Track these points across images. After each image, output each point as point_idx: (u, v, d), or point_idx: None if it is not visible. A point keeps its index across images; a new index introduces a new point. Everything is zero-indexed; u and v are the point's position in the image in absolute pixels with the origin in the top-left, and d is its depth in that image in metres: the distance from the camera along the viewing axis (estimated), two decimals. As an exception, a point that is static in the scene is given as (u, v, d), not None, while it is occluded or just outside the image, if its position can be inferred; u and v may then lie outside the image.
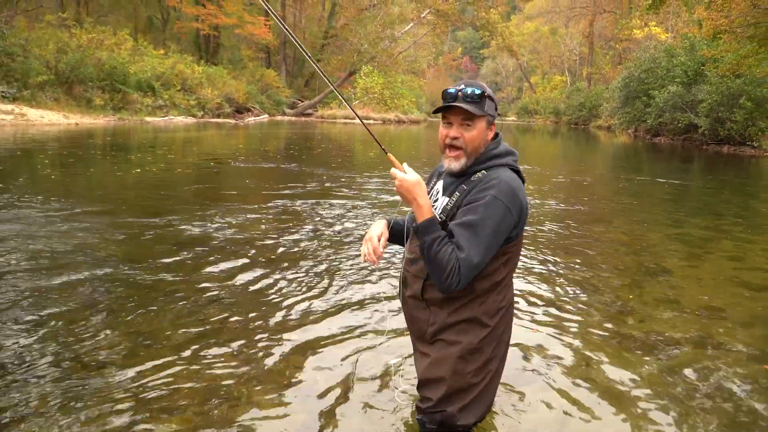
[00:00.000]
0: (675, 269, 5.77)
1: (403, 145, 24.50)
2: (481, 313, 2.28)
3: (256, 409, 2.88)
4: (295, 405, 2.93)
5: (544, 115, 63.54)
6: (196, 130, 24.51)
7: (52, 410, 2.77)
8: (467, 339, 2.28)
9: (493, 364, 2.35)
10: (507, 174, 2.23)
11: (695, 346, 3.87)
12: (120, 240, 5.89)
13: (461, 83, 2.28)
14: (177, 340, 3.61)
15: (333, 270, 5.22)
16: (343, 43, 47.43)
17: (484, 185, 2.20)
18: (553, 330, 4.07)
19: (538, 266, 5.66)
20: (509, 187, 2.17)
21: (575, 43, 65.23)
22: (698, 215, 9.16)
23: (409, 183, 2.22)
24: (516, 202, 2.18)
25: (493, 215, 2.14)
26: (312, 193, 9.42)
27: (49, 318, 3.84)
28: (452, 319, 2.29)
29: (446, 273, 2.12)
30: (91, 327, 3.73)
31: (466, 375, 2.29)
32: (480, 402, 2.34)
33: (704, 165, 19.15)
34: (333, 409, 2.91)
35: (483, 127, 2.27)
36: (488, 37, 54.22)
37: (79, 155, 13.45)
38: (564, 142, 32.85)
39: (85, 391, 2.95)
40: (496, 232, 2.15)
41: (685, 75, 27.36)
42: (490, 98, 2.28)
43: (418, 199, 2.21)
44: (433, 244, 2.14)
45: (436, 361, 2.32)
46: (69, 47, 25.71)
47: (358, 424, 2.79)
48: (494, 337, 2.32)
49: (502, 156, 2.29)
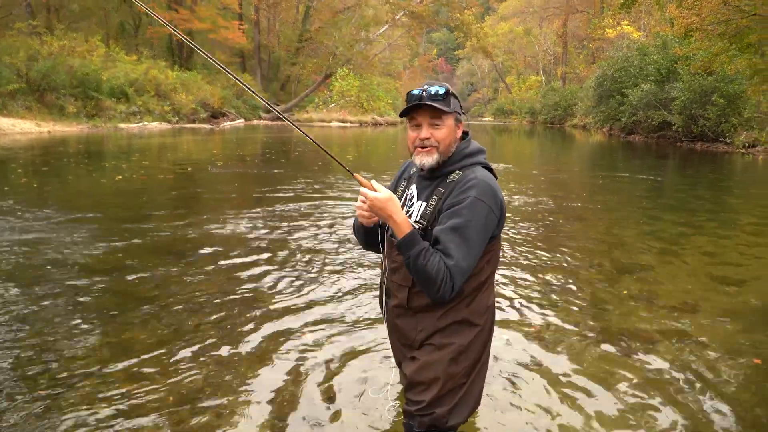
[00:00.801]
0: (650, 265, 5.84)
1: (381, 148, 24.51)
2: (469, 313, 2.28)
3: (237, 416, 2.85)
4: (279, 411, 2.91)
5: (520, 115, 63.94)
6: (171, 136, 24.26)
7: (29, 420, 2.71)
8: (459, 341, 2.27)
9: (480, 364, 2.35)
10: (483, 173, 2.24)
11: (671, 341, 3.92)
12: (98, 247, 5.79)
13: (425, 84, 2.28)
14: (155, 347, 3.56)
15: (318, 274, 5.19)
16: (318, 47, 47.28)
17: (463, 186, 2.19)
18: (529, 328, 4.09)
19: (514, 265, 5.69)
20: (488, 186, 2.18)
21: (549, 43, 65.80)
22: (673, 211, 9.29)
23: (382, 201, 2.17)
24: (496, 200, 2.19)
25: (478, 216, 2.13)
26: (294, 197, 9.36)
27: (25, 326, 3.76)
28: (442, 323, 2.27)
29: (438, 283, 2.09)
30: (68, 335, 3.66)
31: (457, 376, 2.29)
32: (467, 401, 2.34)
33: (678, 162, 19.44)
34: (319, 413, 2.89)
35: (452, 124, 2.27)
36: (463, 39, 54.61)
37: (54, 163, 13.24)
38: (540, 142, 33.12)
39: (62, 400, 2.89)
40: (482, 234, 2.16)
41: (658, 73, 27.75)
42: (455, 96, 2.28)
43: (394, 216, 2.16)
44: (419, 257, 2.10)
45: (426, 365, 2.29)
46: (40, 55, 25.26)
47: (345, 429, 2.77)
48: (482, 336, 2.33)
49: (474, 154, 2.30)
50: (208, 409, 2.92)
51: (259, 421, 2.84)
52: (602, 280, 5.33)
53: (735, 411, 3.04)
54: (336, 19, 46.72)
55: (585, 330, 4.10)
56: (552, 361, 3.58)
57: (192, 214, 7.78)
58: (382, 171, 13.23)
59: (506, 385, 3.25)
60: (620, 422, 2.91)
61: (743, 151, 21.38)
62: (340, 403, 3.01)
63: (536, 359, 3.60)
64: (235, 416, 2.87)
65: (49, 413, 2.83)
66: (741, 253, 6.54)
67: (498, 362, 3.45)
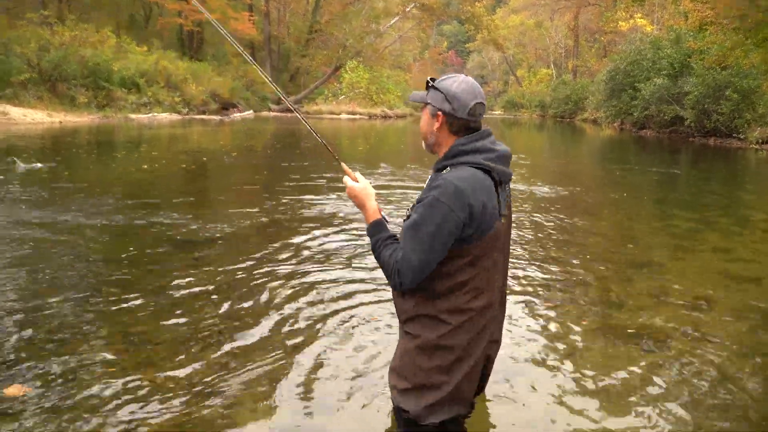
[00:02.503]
0: (663, 261, 5.79)
1: (391, 139, 24.48)
2: (438, 310, 2.26)
3: (242, 407, 2.85)
4: (283, 402, 2.91)
5: (530, 108, 63.59)
6: (181, 127, 24.32)
7: (40, 409, 2.72)
8: (425, 334, 2.28)
9: (463, 364, 2.30)
10: (458, 173, 2.19)
11: (684, 338, 3.88)
12: (111, 235, 5.81)
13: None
14: (165, 338, 3.56)
15: (331, 264, 5.18)
16: (328, 38, 47.16)
17: (432, 185, 2.21)
18: (539, 323, 4.06)
19: (524, 259, 5.65)
20: (453, 188, 2.13)
21: (560, 36, 65.37)
22: (685, 207, 9.21)
23: (357, 189, 2.40)
24: (460, 202, 2.12)
25: (433, 215, 2.12)
26: (305, 188, 9.35)
27: (37, 314, 3.77)
28: (415, 312, 2.31)
29: (388, 273, 2.22)
30: (79, 324, 3.67)
31: (429, 371, 2.28)
32: (450, 401, 2.31)
33: (691, 157, 19.28)
34: (332, 400, 2.89)
35: (427, 115, 2.32)
36: (474, 31, 54.26)
37: (66, 153, 13.29)
38: (550, 135, 32.97)
39: (74, 389, 2.90)
40: (437, 233, 2.12)
41: (671, 67, 27.50)
42: (436, 89, 2.28)
43: (366, 203, 2.38)
44: (376, 245, 2.28)
45: (399, 352, 2.39)
46: (51, 45, 25.34)
47: (345, 418, 2.76)
48: (460, 336, 2.27)
49: (466, 153, 2.25)
50: (218, 398, 2.93)
51: (271, 413, 2.84)
52: (613, 276, 5.28)
53: (748, 409, 3.00)
54: (346, 11, 46.56)
55: (595, 325, 4.06)
56: (561, 356, 3.55)
57: (205, 204, 7.79)
58: (392, 163, 13.20)
59: (513, 381, 3.22)
60: (631, 419, 2.88)
61: (757, 147, 21.16)
62: (354, 391, 3.00)
63: (544, 355, 3.57)
64: (244, 406, 2.87)
65: (62, 401, 2.84)
66: (755, 249, 6.47)
67: (505, 358, 3.41)
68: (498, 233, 2.27)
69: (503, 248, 2.36)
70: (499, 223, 2.26)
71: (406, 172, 11.91)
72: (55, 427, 2.65)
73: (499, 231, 2.27)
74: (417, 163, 13.63)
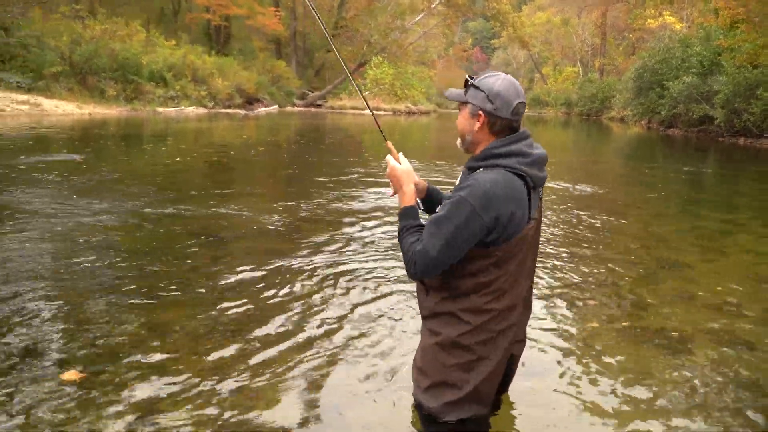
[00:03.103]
0: (691, 263, 5.72)
1: (414, 135, 24.45)
2: (460, 309, 2.26)
3: (262, 398, 2.90)
4: (303, 394, 2.95)
5: (556, 106, 63.00)
6: (207, 121, 24.56)
7: (63, 398, 2.80)
8: (446, 331, 2.30)
9: (483, 365, 2.30)
10: (491, 176, 2.16)
11: (712, 342, 3.84)
12: (138, 227, 5.92)
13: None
14: (189, 328, 3.63)
15: (358, 263, 5.22)
16: (353, 34, 47.18)
17: (464, 184, 2.19)
18: (565, 324, 4.05)
19: (550, 258, 5.63)
20: (483, 191, 2.11)
21: (587, 34, 64.56)
22: (714, 208, 9.09)
23: (400, 171, 2.40)
24: (489, 206, 2.10)
25: (457, 215, 2.11)
26: (332, 183, 9.41)
27: (62, 303, 3.87)
28: (437, 309, 2.33)
29: (406, 261, 2.23)
30: (104, 315, 3.76)
31: (448, 369, 2.30)
32: (469, 401, 2.32)
33: (720, 157, 18.97)
34: (350, 394, 2.92)
35: (466, 114, 2.28)
36: (499, 28, 53.85)
37: (98, 144, 13.52)
38: (576, 133, 32.64)
39: (98, 380, 2.98)
40: (459, 232, 2.11)
41: (700, 65, 27.05)
42: (476, 87, 2.24)
43: (404, 186, 2.39)
44: (402, 231, 2.30)
45: (421, 349, 2.42)
46: (83, 38, 25.79)
47: (365, 412, 2.80)
48: (480, 337, 2.27)
49: (501, 156, 2.21)
50: (239, 388, 2.98)
51: (292, 404, 2.87)
52: (641, 277, 5.24)
53: (779, 415, 2.97)
54: (371, 7, 46.52)
55: (621, 327, 4.04)
56: (586, 358, 3.54)
57: (231, 197, 7.87)
58: (417, 158, 13.21)
59: (539, 381, 3.22)
60: (657, 424, 2.87)
61: (789, 148, 20.75)
62: (376, 386, 3.04)
63: (570, 355, 3.56)
64: (265, 397, 2.91)
65: (84, 392, 2.91)
66: (786, 253, 6.37)
67: (530, 358, 3.40)
68: (525, 237, 2.25)
69: (530, 250, 2.34)
70: (527, 227, 2.24)
71: (432, 167, 11.91)
72: (91, 411, 2.73)
73: (526, 234, 2.25)
74: (442, 159, 13.62)
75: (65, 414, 2.70)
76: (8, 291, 4.11)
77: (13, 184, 7.88)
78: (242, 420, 2.74)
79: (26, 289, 4.17)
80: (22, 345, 3.33)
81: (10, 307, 3.83)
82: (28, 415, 2.68)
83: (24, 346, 3.32)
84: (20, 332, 3.49)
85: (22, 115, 19.71)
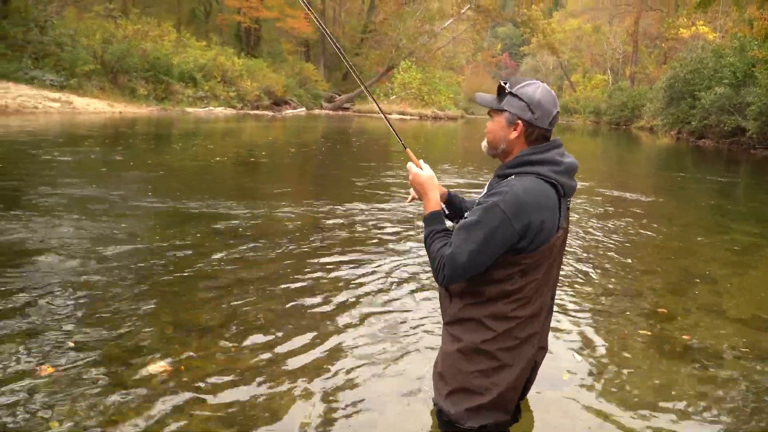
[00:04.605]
0: (720, 276, 5.60)
1: (440, 141, 24.40)
2: (484, 315, 2.24)
3: (281, 397, 2.90)
4: (322, 395, 2.94)
5: (584, 114, 62.38)
6: (236, 122, 24.83)
7: (90, 394, 2.83)
8: (468, 338, 2.27)
9: (506, 373, 2.27)
10: (525, 183, 2.14)
11: (740, 357, 3.75)
12: (167, 225, 5.99)
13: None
14: (210, 324, 3.66)
15: (381, 269, 5.21)
16: (382, 38, 47.30)
17: (496, 190, 2.16)
18: (589, 334, 3.99)
19: (575, 268, 5.56)
20: (517, 199, 2.09)
21: (619, 42, 63.82)
22: (745, 221, 8.90)
23: (423, 177, 2.36)
24: (521, 213, 2.08)
25: (488, 221, 2.09)
26: (360, 186, 9.42)
27: (91, 300, 3.93)
28: (461, 315, 2.30)
29: (434, 267, 2.20)
30: (131, 312, 3.81)
31: (470, 375, 2.28)
32: (492, 407, 2.30)
33: (752, 169, 18.59)
34: (377, 396, 2.91)
35: (502, 122, 2.24)
36: (529, 34, 53.53)
37: (129, 142, 13.74)
38: (605, 142, 32.28)
39: (125, 376, 3.01)
40: (489, 239, 2.09)
41: (733, 76, 26.52)
42: (515, 96, 2.21)
43: (429, 192, 2.35)
44: (428, 236, 2.26)
45: (442, 354, 2.39)
46: (115, 38, 26.31)
47: (387, 416, 2.78)
48: (504, 344, 2.25)
49: (533, 164, 2.19)
50: (258, 385, 2.99)
51: (313, 405, 2.88)
52: (668, 288, 5.15)
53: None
54: (401, 11, 46.61)
55: (646, 338, 3.97)
56: (609, 369, 3.49)
57: (259, 197, 7.93)
58: (446, 163, 13.19)
59: (560, 391, 3.18)
60: (683, 436, 2.81)
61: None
62: (396, 389, 3.02)
63: (592, 366, 3.51)
64: (284, 396, 2.92)
65: (111, 389, 2.95)
66: (819, 268, 6.20)
67: (552, 367, 3.35)
68: (553, 246, 2.23)
69: (557, 259, 2.31)
70: (555, 236, 2.22)
71: (461, 173, 11.87)
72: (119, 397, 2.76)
73: (555, 244, 2.23)
74: (470, 165, 13.56)
75: (89, 406, 2.74)
76: (38, 274, 4.19)
77: (48, 176, 8.04)
78: (265, 419, 2.75)
79: (54, 281, 4.25)
80: (43, 335, 3.39)
81: (38, 291, 3.91)
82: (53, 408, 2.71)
83: (42, 332, 3.38)
84: (41, 320, 3.55)
85: (54, 113, 20.12)
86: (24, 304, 3.81)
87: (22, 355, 3.14)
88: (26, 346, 3.24)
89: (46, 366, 3.04)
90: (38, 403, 2.72)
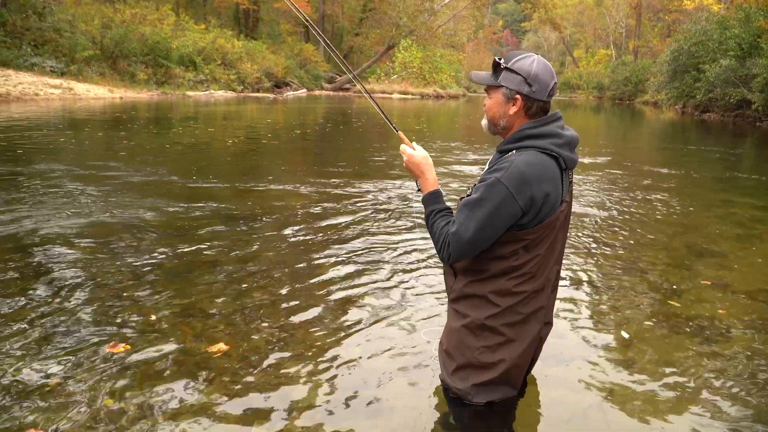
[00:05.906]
0: (726, 251, 5.57)
1: (442, 119, 24.28)
2: (488, 291, 2.25)
3: (289, 380, 2.90)
4: (330, 376, 2.94)
5: (587, 90, 61.89)
6: (236, 104, 24.73)
7: (96, 378, 2.84)
8: (473, 314, 2.28)
9: (512, 348, 2.28)
10: (526, 158, 2.13)
11: (746, 330, 3.73)
12: (170, 209, 5.98)
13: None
14: (217, 311, 3.66)
15: (384, 249, 5.20)
16: (382, 17, 46.87)
17: (497, 166, 2.16)
18: (595, 310, 3.98)
19: (581, 244, 5.53)
20: (519, 173, 2.08)
21: (622, 15, 63.11)
22: (750, 194, 8.83)
23: (418, 158, 2.38)
24: (524, 188, 2.07)
25: (492, 197, 2.08)
26: (360, 168, 9.39)
27: (95, 286, 3.93)
28: (466, 291, 2.31)
29: (438, 245, 2.22)
30: (136, 297, 3.81)
31: (476, 351, 2.29)
32: (499, 383, 2.32)
33: (757, 142, 18.45)
34: (379, 376, 2.91)
35: (500, 98, 2.22)
36: (530, 10, 53.14)
37: (130, 126, 13.71)
38: (608, 117, 32.07)
39: (130, 361, 3.01)
40: (493, 214, 2.09)
41: (738, 48, 26.21)
42: (511, 70, 2.18)
43: (426, 172, 2.37)
44: (430, 216, 2.29)
45: (448, 331, 2.41)
46: (113, 23, 26.15)
47: (391, 395, 2.79)
48: (509, 319, 2.25)
49: (534, 138, 2.18)
50: (268, 370, 2.99)
51: (320, 385, 2.88)
52: (673, 264, 5.12)
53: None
54: (401, -12, 46.13)
55: (652, 314, 3.95)
56: (615, 345, 3.47)
57: (263, 180, 7.91)
58: (448, 142, 13.12)
59: (567, 368, 3.17)
60: (688, 415, 2.80)
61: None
62: (402, 367, 3.02)
63: (598, 343, 3.50)
64: (292, 380, 2.92)
65: (118, 374, 2.96)
66: (825, 240, 6.16)
67: (558, 344, 3.35)
68: (557, 220, 2.22)
69: (561, 234, 2.30)
70: (559, 209, 2.21)
71: (464, 151, 11.81)
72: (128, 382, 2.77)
73: (558, 218, 2.22)
74: (475, 143, 13.49)
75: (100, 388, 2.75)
76: (42, 253, 4.20)
77: (50, 159, 8.03)
78: (274, 399, 2.76)
79: (57, 261, 4.26)
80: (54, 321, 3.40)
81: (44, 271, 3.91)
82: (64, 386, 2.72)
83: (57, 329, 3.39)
84: (52, 306, 3.56)
85: (55, 99, 20.08)
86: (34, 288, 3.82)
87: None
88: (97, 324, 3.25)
89: (122, 344, 3.05)
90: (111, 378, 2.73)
